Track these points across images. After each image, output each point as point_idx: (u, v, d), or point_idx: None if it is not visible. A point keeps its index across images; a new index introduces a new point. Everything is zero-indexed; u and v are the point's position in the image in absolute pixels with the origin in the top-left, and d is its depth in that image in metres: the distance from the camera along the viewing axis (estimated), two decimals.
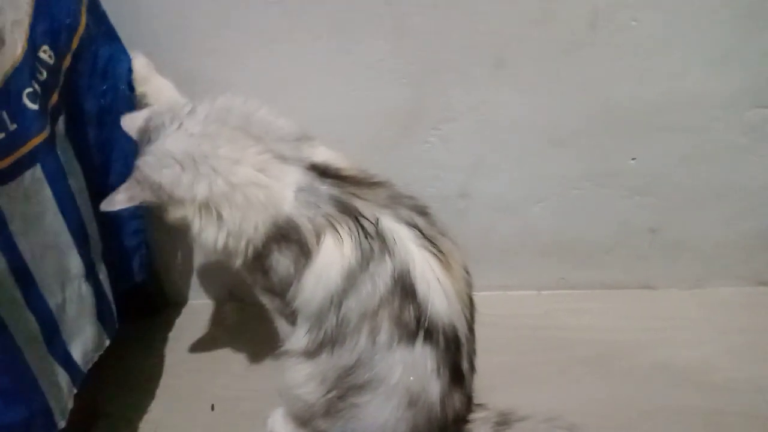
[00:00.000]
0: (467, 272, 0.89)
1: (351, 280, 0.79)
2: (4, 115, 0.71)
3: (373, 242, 0.80)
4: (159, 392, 1.09)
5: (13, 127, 0.72)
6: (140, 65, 0.93)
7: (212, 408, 1.05)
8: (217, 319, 1.25)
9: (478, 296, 1.25)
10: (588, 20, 0.97)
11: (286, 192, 0.80)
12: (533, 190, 1.16)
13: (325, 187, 0.83)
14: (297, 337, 0.86)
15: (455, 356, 0.82)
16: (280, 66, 1.03)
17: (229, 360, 1.15)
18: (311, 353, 0.84)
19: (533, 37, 0.99)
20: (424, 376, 0.80)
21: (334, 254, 0.80)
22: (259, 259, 0.83)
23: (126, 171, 0.93)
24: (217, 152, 0.78)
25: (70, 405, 0.79)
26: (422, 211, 0.87)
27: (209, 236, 0.80)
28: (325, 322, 0.82)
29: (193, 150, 0.78)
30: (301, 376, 0.85)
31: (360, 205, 0.82)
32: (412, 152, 1.11)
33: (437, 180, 1.14)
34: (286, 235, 0.81)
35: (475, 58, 1.01)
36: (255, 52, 1.02)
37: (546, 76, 1.03)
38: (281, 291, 0.86)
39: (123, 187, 0.80)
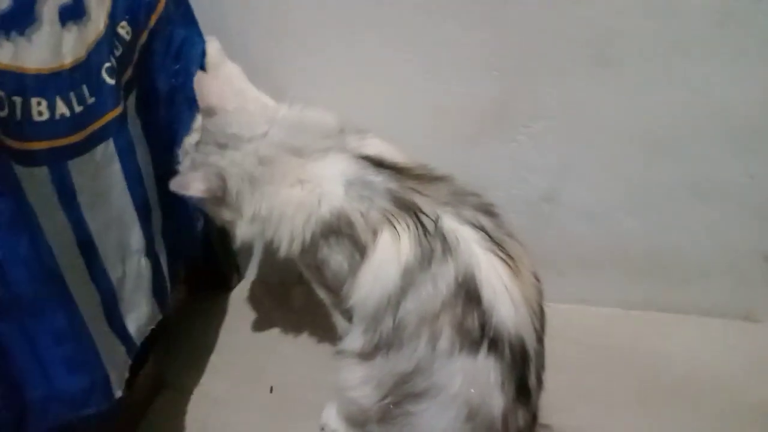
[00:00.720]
0: (537, 279, 0.82)
1: (410, 279, 0.75)
2: (85, 88, 0.72)
3: (434, 241, 0.76)
4: (221, 368, 1.10)
5: (91, 100, 0.73)
6: (214, 50, 0.92)
7: (271, 390, 1.05)
8: (284, 301, 1.24)
9: (555, 308, 1.17)
10: (716, 18, 0.86)
11: (333, 186, 0.78)
12: (626, 199, 1.05)
13: (380, 180, 0.79)
14: (353, 337, 0.83)
15: (522, 370, 0.76)
16: (358, 51, 0.99)
17: (293, 344, 1.14)
18: (366, 355, 0.81)
19: (646, 33, 0.89)
20: (486, 389, 0.74)
21: (391, 251, 0.76)
22: (308, 254, 0.81)
23: None
24: (273, 177, 0.79)
25: (126, 375, 0.81)
26: (488, 211, 0.81)
27: (246, 233, 0.82)
28: (381, 324, 0.78)
29: (257, 174, 0.79)
30: (355, 378, 0.82)
31: (420, 200, 0.78)
32: (498, 150, 1.03)
33: (522, 182, 1.06)
34: (337, 230, 0.78)
35: (575, 52, 0.92)
36: (332, 34, 0.99)
37: (654, 76, 0.92)
38: (335, 287, 0.83)
39: (200, 176, 0.79)
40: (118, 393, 0.77)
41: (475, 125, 1.02)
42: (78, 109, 0.71)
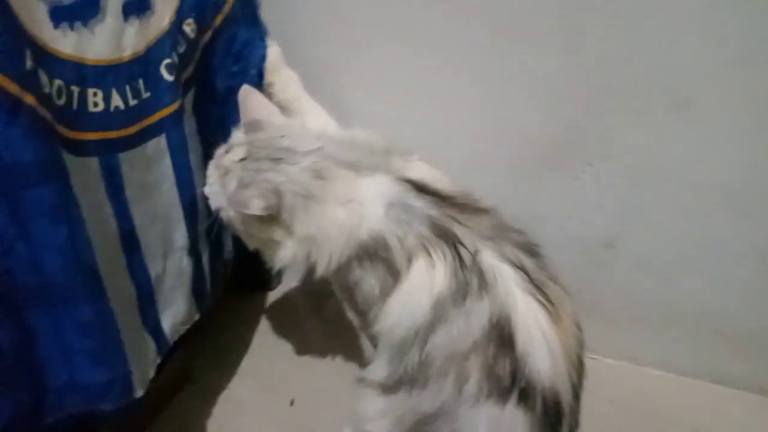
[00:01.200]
0: (579, 328, 0.76)
1: (441, 313, 0.71)
2: (140, 82, 0.72)
3: (471, 276, 0.71)
4: (247, 371, 1.09)
5: (146, 95, 0.73)
6: (273, 54, 0.91)
7: (291, 403, 1.03)
8: (318, 310, 1.22)
9: (600, 362, 1.10)
10: None
11: (374, 208, 0.74)
12: (688, 255, 0.97)
13: (420, 205, 0.75)
14: (376, 366, 0.80)
15: (554, 427, 0.70)
16: (421, 67, 0.96)
17: (320, 357, 1.12)
18: (388, 388, 0.77)
19: (730, 80, 0.82)
20: None
21: (424, 279, 0.72)
22: (341, 275, 0.78)
23: None
24: (326, 193, 0.75)
25: (152, 374, 0.80)
26: (531, 251, 0.76)
27: (289, 255, 0.77)
28: (407, 357, 0.73)
29: (313, 189, 0.74)
30: (374, 410, 0.78)
31: (459, 231, 0.74)
32: (558, 187, 0.98)
33: (581, 223, 1.00)
34: (372, 253, 0.74)
35: (653, 92, 0.86)
36: (396, 49, 0.96)
37: (735, 125, 0.86)
38: (364, 310, 0.79)
39: (258, 194, 0.73)
40: (139, 392, 0.76)
41: (537, 158, 0.97)
42: (132, 102, 0.71)
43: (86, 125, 0.66)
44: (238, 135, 0.80)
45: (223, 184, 0.78)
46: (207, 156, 0.86)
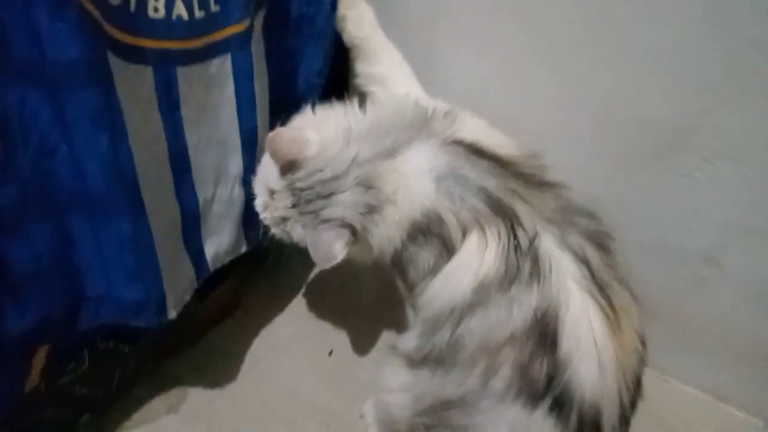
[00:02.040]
0: (643, 343, 0.66)
1: (483, 297, 0.63)
2: None
3: (524, 261, 0.63)
4: (294, 311, 1.07)
5: (215, 8, 0.68)
6: None
7: (330, 353, 1.00)
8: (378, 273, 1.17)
9: (674, 387, 0.97)
10: None
11: (422, 183, 0.66)
12: None
13: (474, 175, 0.66)
14: (409, 336, 0.74)
15: None
16: (528, 33, 0.84)
17: (366, 315, 1.07)
18: (414, 363, 0.72)
19: None
20: None
21: (472, 258, 0.64)
22: (395, 253, 0.71)
23: (308, 86, 0.88)
24: (386, 194, 0.67)
25: (187, 298, 0.80)
26: (601, 243, 0.66)
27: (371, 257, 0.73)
28: (438, 334, 0.67)
29: (371, 201, 0.68)
30: (396, 382, 0.74)
31: (520, 209, 0.65)
32: (663, 183, 0.83)
33: (684, 229, 0.85)
34: (426, 229, 0.67)
35: None
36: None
37: None
38: (414, 284, 0.73)
39: (333, 237, 0.68)
40: (173, 314, 0.76)
41: (648, 147, 0.82)
42: (199, 14, 0.67)
43: (143, 31, 0.63)
44: (273, 178, 0.72)
45: (284, 231, 0.74)
46: (272, 86, 0.82)
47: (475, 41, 0.89)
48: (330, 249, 0.68)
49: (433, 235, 0.67)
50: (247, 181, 0.82)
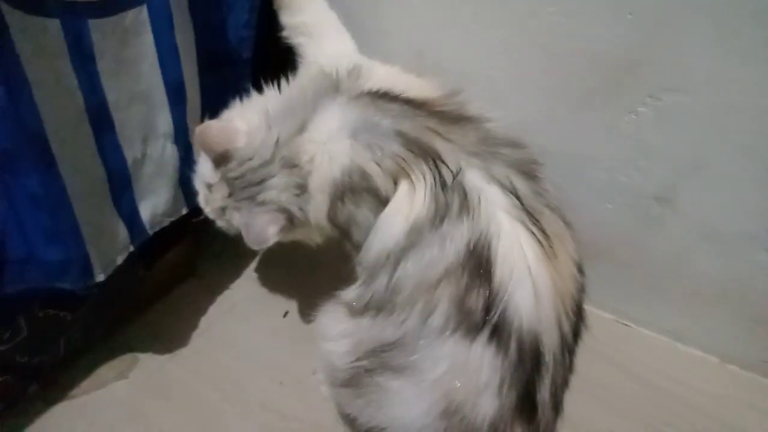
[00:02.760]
0: (581, 271, 0.66)
1: (415, 239, 0.63)
2: None
3: (452, 197, 0.62)
4: (249, 276, 1.05)
5: None
6: None
7: (285, 314, 0.98)
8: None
9: (633, 331, 0.97)
10: None
11: (338, 143, 0.67)
12: (765, 229, 0.78)
13: (388, 122, 0.65)
14: (350, 288, 0.73)
15: (530, 376, 0.61)
16: None
17: (323, 277, 1.05)
18: (355, 311, 0.71)
19: None
20: (476, 387, 0.61)
21: (402, 204, 0.64)
22: (331, 216, 0.72)
23: (238, 38, 0.85)
24: (307, 172, 0.70)
25: (120, 260, 0.77)
26: (527, 171, 0.65)
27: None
28: (376, 281, 0.67)
29: (299, 180, 0.70)
30: (336, 330, 0.73)
31: (441, 146, 0.64)
32: (610, 120, 0.81)
33: (633, 167, 0.83)
34: (352, 187, 0.66)
35: (748, 9, 0.66)
36: None
37: None
38: (360, 243, 0.72)
39: (266, 221, 0.71)
40: (101, 276, 0.74)
41: (590, 81, 0.80)
42: None
43: None
44: (208, 172, 0.75)
45: (226, 220, 0.76)
46: (199, 39, 0.79)
47: None
48: (262, 232, 0.71)
49: (362, 190, 0.67)
50: (179, 139, 0.80)
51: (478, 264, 0.61)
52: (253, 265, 1.08)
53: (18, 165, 0.63)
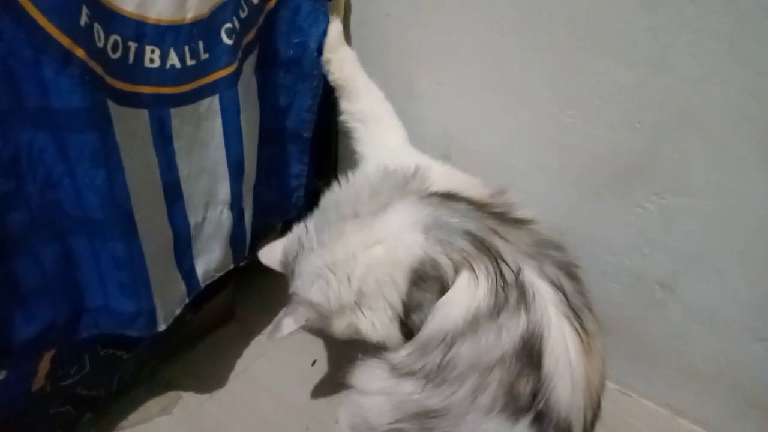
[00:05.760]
0: (605, 366, 0.73)
1: (473, 326, 0.69)
2: (201, 44, 0.76)
3: (510, 292, 0.69)
4: None
5: (205, 56, 0.77)
6: (335, 31, 0.92)
7: (313, 363, 1.07)
8: None
9: (635, 402, 1.03)
10: None
11: (412, 236, 0.74)
12: (759, 321, 0.85)
13: (456, 221, 0.73)
14: (396, 351, 0.78)
15: None
16: (494, 62, 0.92)
17: None
18: (399, 372, 0.75)
19: None
20: None
21: (465, 294, 0.71)
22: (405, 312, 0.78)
23: (301, 120, 0.98)
24: (335, 256, 0.78)
25: (178, 311, 0.87)
26: (571, 273, 0.73)
27: (377, 328, 0.79)
28: (428, 356, 0.72)
29: (319, 263, 0.79)
30: (375, 386, 0.77)
31: (501, 246, 0.72)
32: (618, 212, 0.90)
33: (639, 254, 0.91)
34: (424, 275, 0.74)
35: (745, 130, 0.75)
36: (470, 38, 0.92)
37: None
38: (419, 328, 0.78)
39: (287, 312, 0.83)
40: (162, 326, 0.84)
41: (605, 179, 0.89)
42: (190, 62, 0.76)
43: (140, 79, 0.72)
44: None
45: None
46: (265, 119, 0.91)
47: (449, 82, 0.98)
48: (281, 322, 0.85)
49: (431, 278, 0.74)
50: (235, 205, 0.91)
51: (530, 354, 0.67)
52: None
53: (107, 232, 0.73)
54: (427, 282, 0.74)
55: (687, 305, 0.90)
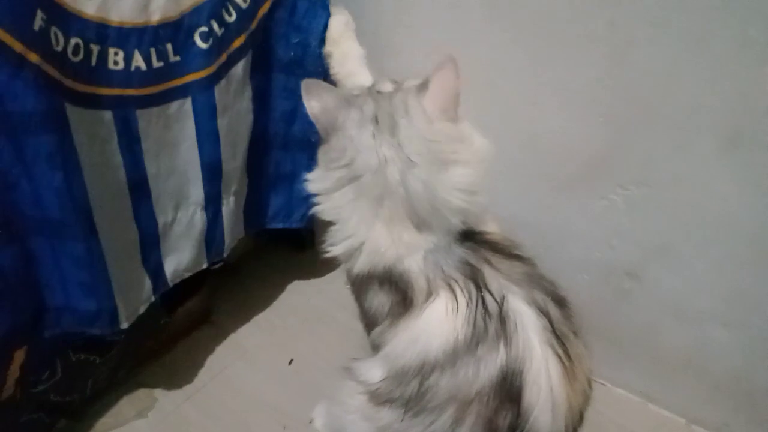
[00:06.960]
0: (590, 386, 0.74)
1: (452, 359, 0.68)
2: (169, 46, 0.76)
3: (490, 323, 0.68)
4: (260, 323, 1.15)
5: (175, 59, 0.77)
6: (337, 24, 0.89)
7: (290, 362, 1.07)
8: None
9: (609, 390, 1.06)
10: None
11: (416, 257, 0.72)
12: (723, 307, 0.87)
13: (460, 250, 0.73)
14: (369, 367, 0.76)
15: None
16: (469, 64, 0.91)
17: (330, 327, 1.15)
18: (377, 398, 0.74)
19: None
20: None
21: (442, 324, 0.69)
22: (360, 281, 0.77)
23: (308, 124, 0.95)
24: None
25: (142, 310, 0.87)
26: (560, 301, 0.73)
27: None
28: (406, 386, 0.70)
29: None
30: (354, 407, 0.76)
31: (488, 273, 0.71)
32: (585, 204, 0.91)
33: (606, 246, 0.93)
34: (394, 282, 0.73)
35: (705, 122, 0.77)
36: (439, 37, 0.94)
37: None
38: (367, 322, 0.79)
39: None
40: (125, 324, 0.83)
41: (568, 169, 0.91)
42: (157, 64, 0.76)
43: (104, 81, 0.72)
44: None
45: None
46: (267, 125, 0.92)
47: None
48: None
49: (397, 288, 0.73)
50: (209, 207, 0.90)
51: (510, 389, 0.66)
52: (263, 314, 1.17)
53: (66, 232, 0.73)
54: (391, 288, 0.73)
55: (654, 294, 0.92)
